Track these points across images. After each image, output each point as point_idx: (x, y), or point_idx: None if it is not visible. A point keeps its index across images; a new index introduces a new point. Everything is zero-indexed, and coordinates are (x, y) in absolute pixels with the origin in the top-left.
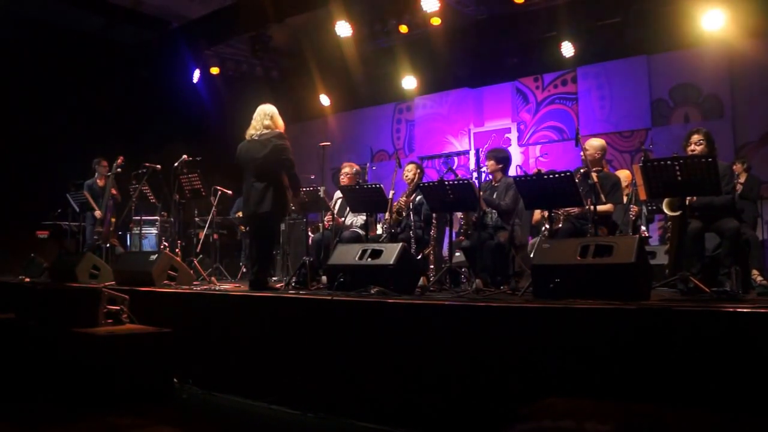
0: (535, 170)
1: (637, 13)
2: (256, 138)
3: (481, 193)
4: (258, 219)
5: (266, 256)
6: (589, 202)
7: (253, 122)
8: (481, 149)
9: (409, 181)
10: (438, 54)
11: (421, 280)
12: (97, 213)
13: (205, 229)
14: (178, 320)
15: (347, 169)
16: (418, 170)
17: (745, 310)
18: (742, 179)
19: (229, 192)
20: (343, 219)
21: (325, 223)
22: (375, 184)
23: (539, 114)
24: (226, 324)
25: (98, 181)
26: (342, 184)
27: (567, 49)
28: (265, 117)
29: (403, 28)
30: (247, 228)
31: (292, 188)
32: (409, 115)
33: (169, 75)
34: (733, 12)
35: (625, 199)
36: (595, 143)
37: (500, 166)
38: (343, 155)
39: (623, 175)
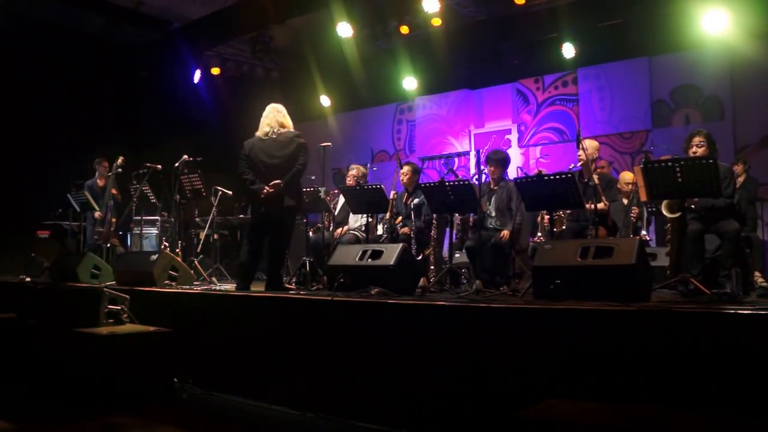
0: (536, 171)
1: (638, 15)
2: (274, 136)
3: (483, 198)
4: (279, 216)
5: (282, 256)
6: (590, 203)
7: (267, 120)
8: (481, 150)
9: (404, 183)
10: (438, 55)
11: (422, 281)
12: (97, 214)
13: (206, 229)
14: (178, 320)
15: (354, 172)
16: (413, 172)
17: (745, 311)
18: (741, 180)
19: (230, 192)
20: (345, 228)
21: (325, 222)
22: (376, 185)
23: (540, 115)
24: (226, 324)
25: (98, 181)
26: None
27: (568, 50)
28: (278, 114)
29: (404, 29)
30: (257, 227)
31: (285, 183)
32: (409, 115)
33: (170, 75)
34: (735, 14)
35: (626, 201)
36: (594, 143)
37: (500, 168)
38: (344, 156)
39: (627, 176)
